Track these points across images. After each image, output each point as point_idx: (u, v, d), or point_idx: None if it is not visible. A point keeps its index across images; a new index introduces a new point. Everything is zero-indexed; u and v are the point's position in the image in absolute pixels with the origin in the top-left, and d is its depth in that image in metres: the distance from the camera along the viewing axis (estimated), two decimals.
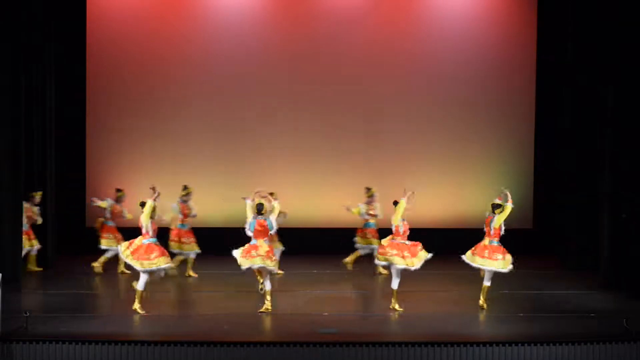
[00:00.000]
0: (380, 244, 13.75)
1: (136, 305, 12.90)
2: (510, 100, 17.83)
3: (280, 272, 14.84)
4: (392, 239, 13.33)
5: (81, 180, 17.49)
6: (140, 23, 17.59)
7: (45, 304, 13.57)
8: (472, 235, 15.77)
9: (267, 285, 13.13)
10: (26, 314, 12.09)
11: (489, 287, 13.43)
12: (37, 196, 15.61)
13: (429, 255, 13.34)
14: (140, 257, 12.80)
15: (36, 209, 15.58)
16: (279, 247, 15.38)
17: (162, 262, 12.88)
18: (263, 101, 17.71)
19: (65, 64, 17.15)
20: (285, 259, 15.53)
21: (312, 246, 16.56)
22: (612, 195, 15.28)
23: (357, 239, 15.92)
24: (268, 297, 13.10)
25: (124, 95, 17.64)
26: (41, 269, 15.68)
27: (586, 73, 16.13)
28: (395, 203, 13.44)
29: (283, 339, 11.79)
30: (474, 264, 13.38)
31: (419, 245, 13.35)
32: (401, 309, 13.21)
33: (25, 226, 15.36)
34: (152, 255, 12.84)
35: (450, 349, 11.55)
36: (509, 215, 13.22)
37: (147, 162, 17.72)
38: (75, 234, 16.03)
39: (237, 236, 13.64)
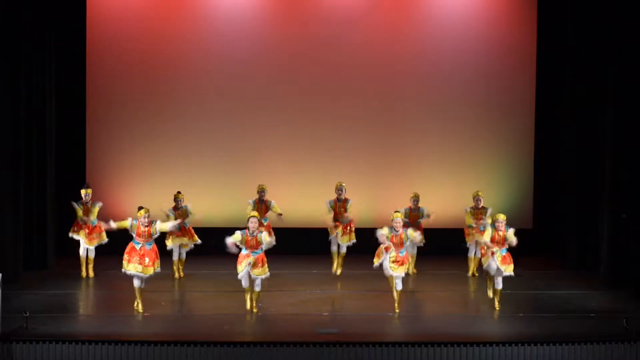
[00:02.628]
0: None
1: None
2: (510, 100, 17.82)
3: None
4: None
5: (81, 180, 17.45)
6: (140, 23, 17.57)
7: (45, 304, 13.57)
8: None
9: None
10: (26, 314, 12.10)
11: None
12: (82, 193, 15.54)
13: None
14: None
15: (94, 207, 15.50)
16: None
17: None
18: (263, 101, 17.69)
19: (65, 64, 17.12)
20: (285, 259, 15.53)
21: (312, 246, 16.54)
22: (612, 195, 15.29)
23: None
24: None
25: (124, 95, 17.62)
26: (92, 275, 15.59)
27: (586, 73, 16.13)
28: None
29: (283, 339, 11.80)
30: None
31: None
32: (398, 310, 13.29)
33: (93, 223, 15.35)
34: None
35: (450, 349, 11.56)
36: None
37: (147, 161, 17.70)
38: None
39: None
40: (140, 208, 13.21)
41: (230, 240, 13.06)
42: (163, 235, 14.94)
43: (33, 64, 15.88)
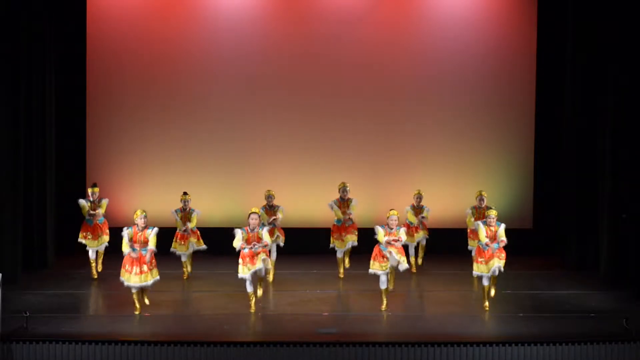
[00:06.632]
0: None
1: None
2: (510, 100, 17.82)
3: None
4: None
5: (81, 180, 17.47)
6: (140, 23, 17.56)
7: (45, 304, 13.58)
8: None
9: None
10: (26, 314, 12.11)
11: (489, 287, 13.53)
12: (89, 192, 15.46)
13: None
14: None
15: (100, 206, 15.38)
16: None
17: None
18: (263, 100, 17.69)
19: (65, 64, 17.13)
20: (285, 258, 15.54)
21: (312, 246, 16.54)
22: (612, 195, 15.30)
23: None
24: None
25: (124, 94, 17.61)
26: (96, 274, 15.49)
27: (586, 73, 16.13)
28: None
29: (283, 339, 11.81)
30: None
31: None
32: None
33: (100, 221, 15.28)
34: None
35: (450, 349, 11.57)
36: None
37: (147, 161, 17.70)
38: (75, 234, 16.01)
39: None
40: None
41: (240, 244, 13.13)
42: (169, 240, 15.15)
43: (33, 64, 15.87)
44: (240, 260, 13.12)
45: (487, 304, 13.46)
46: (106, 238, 15.39)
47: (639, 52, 14.89)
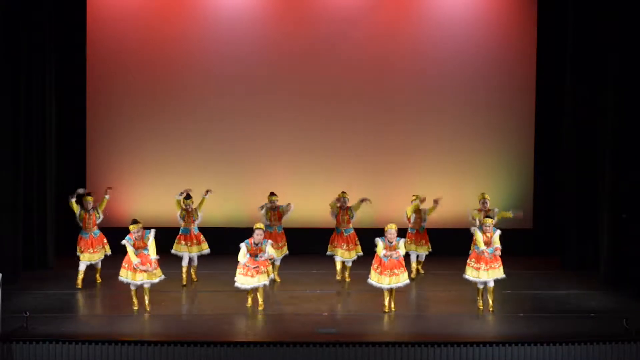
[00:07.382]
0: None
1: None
2: (510, 100, 17.82)
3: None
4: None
5: (81, 180, 17.46)
6: (140, 23, 17.55)
7: (45, 304, 13.58)
8: (471, 236, 15.80)
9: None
10: (26, 314, 12.12)
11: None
12: (83, 200, 15.25)
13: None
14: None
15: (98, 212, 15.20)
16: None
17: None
18: (264, 100, 17.69)
19: (65, 64, 17.12)
20: (286, 258, 15.53)
21: (312, 246, 16.53)
22: (612, 195, 15.30)
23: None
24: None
25: (124, 95, 17.60)
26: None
27: (586, 72, 16.13)
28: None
29: (283, 339, 11.82)
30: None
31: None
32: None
33: (96, 233, 15.15)
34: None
35: (450, 349, 11.57)
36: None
37: (147, 161, 17.70)
38: (75, 234, 16.01)
39: (237, 236, 13.64)
40: (134, 221, 13.30)
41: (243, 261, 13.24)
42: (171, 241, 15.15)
43: (33, 64, 15.88)
44: (241, 270, 13.20)
45: (480, 302, 13.50)
46: (99, 256, 15.21)
47: (639, 52, 14.89)
